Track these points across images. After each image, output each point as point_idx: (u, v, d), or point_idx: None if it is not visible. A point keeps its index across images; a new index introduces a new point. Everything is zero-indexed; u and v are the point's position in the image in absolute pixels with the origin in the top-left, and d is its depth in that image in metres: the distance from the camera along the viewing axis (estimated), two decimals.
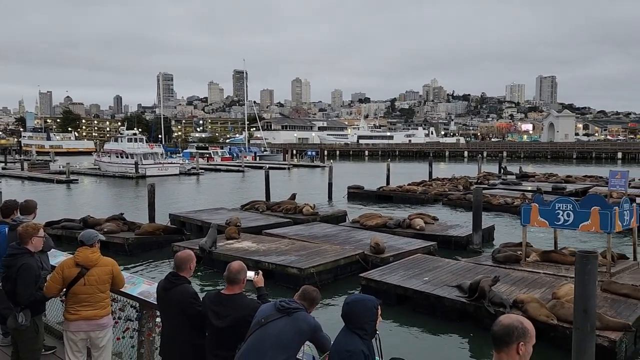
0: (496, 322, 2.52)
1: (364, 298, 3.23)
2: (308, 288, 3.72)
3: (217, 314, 3.73)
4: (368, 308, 3.14)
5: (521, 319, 2.53)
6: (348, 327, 3.14)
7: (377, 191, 27.59)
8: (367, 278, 10.34)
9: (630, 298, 8.63)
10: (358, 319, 3.10)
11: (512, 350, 2.43)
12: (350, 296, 3.29)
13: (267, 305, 3.60)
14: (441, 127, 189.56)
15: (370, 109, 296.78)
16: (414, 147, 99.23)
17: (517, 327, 2.46)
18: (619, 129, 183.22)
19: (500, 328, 2.48)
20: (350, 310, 3.14)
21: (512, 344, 2.44)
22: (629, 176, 23.15)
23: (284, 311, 3.40)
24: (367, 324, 3.11)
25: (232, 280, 3.83)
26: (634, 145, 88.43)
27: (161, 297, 4.09)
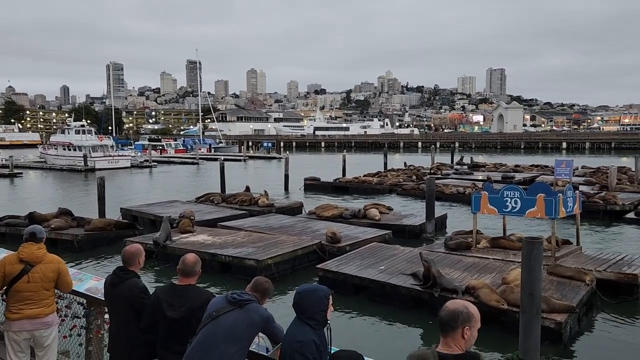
0: (443, 307, 2.60)
1: (315, 288, 3.23)
2: (260, 279, 3.67)
3: (171, 305, 3.64)
4: (319, 298, 3.14)
5: (466, 304, 2.60)
6: (299, 317, 3.14)
7: (333, 182, 27.75)
8: (324, 269, 10.38)
9: (574, 280, 9.04)
10: (309, 308, 3.10)
11: (458, 335, 2.51)
12: (301, 286, 3.28)
13: (219, 297, 3.53)
14: (396, 118, 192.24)
15: (326, 101, 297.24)
16: (370, 138, 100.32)
17: (463, 312, 2.54)
18: (563, 120, 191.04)
19: (446, 313, 2.56)
20: (301, 300, 3.14)
21: (458, 329, 2.51)
22: (573, 165, 24.20)
23: (235, 303, 3.35)
24: (318, 314, 3.11)
25: (187, 272, 3.76)
26: (578, 135, 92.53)
27: (109, 293, 3.96)
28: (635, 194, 21.81)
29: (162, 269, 11.87)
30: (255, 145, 79.24)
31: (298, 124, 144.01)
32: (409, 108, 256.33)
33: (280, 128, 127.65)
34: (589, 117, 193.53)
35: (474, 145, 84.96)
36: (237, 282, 10.54)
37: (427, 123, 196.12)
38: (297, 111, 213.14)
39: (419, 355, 2.56)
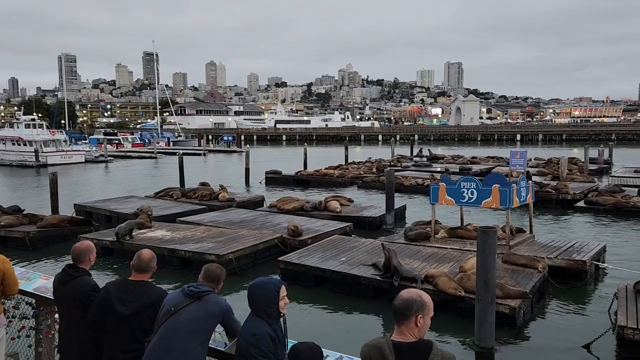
0: (397, 296, 2.66)
1: (265, 281, 3.21)
2: (210, 267, 3.59)
3: (122, 300, 3.51)
4: (269, 291, 3.12)
5: (420, 293, 2.66)
6: (253, 311, 3.14)
7: (295, 175, 27.72)
8: (285, 261, 10.37)
9: (527, 268, 9.35)
10: (260, 302, 3.09)
11: (411, 323, 2.58)
12: (253, 280, 3.27)
13: (175, 292, 3.46)
14: (356, 111, 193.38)
15: (287, 94, 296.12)
16: (331, 131, 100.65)
17: (417, 300, 2.61)
18: (518, 112, 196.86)
19: (400, 302, 2.62)
20: (253, 294, 3.13)
21: (412, 317, 2.58)
22: (527, 156, 25.00)
23: (193, 296, 3.29)
24: (269, 307, 3.09)
25: (142, 268, 3.65)
26: (531, 127, 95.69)
27: (58, 292, 3.81)
28: (585, 183, 22.74)
29: (120, 266, 11.56)
30: (216, 139, 78.11)
31: (259, 117, 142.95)
32: (369, 101, 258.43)
33: (241, 121, 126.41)
34: (542, 110, 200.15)
35: (432, 137, 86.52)
36: (197, 278, 10.41)
37: (387, 116, 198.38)
38: (258, 104, 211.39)
39: (373, 345, 2.60)
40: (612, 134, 75.10)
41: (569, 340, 7.30)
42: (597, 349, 6.87)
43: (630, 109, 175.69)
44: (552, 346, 7.20)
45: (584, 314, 8.50)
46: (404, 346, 2.56)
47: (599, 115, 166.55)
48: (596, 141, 62.01)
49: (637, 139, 74.09)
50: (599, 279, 10.22)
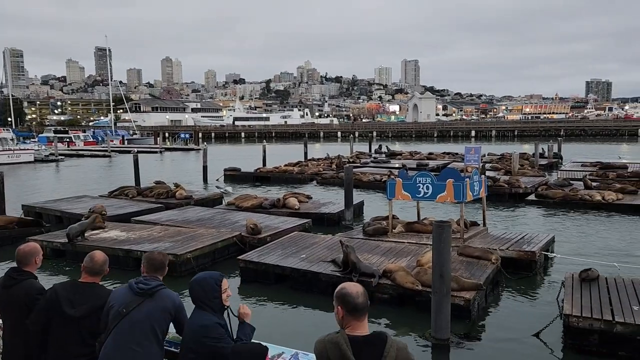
0: (355, 294, 2.69)
1: (205, 276, 3.23)
2: (151, 255, 3.50)
3: (71, 302, 3.39)
4: (210, 285, 3.14)
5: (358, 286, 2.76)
6: (197, 306, 3.14)
7: (254, 173, 27.57)
8: (245, 260, 10.29)
9: (481, 259, 9.61)
10: (202, 296, 3.11)
11: (366, 317, 2.71)
12: (194, 276, 3.26)
13: (122, 290, 3.35)
14: (315, 108, 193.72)
15: (246, 90, 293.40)
16: (290, 128, 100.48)
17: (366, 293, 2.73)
18: (472, 109, 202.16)
19: (363, 299, 2.69)
20: (193, 290, 3.14)
21: (367, 311, 2.71)
22: (481, 152, 25.71)
23: (144, 294, 3.21)
24: (212, 301, 3.11)
25: (95, 271, 3.55)
26: (485, 124, 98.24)
27: (2, 296, 3.63)
28: (535, 177, 23.59)
29: (73, 269, 11.16)
30: (172, 136, 76.63)
31: (217, 115, 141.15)
32: (328, 98, 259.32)
33: (199, 118, 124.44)
34: (495, 107, 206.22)
35: (390, 134, 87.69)
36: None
37: (346, 113, 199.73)
38: (216, 101, 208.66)
39: (329, 340, 2.62)
40: (561, 129, 78.08)
41: (521, 329, 7.56)
42: (547, 336, 7.15)
43: (577, 106, 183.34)
44: (505, 335, 7.44)
45: (534, 303, 8.82)
46: (360, 339, 2.59)
47: (548, 111, 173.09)
48: (546, 137, 64.47)
49: (584, 134, 77.42)
50: (548, 268, 10.62)
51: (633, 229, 14.50)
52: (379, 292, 8.50)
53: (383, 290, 8.49)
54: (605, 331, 6.50)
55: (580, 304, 6.98)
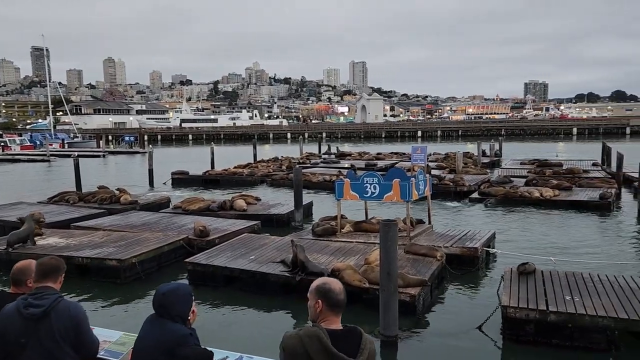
0: (338, 290, 2.77)
1: (179, 286, 3.13)
2: (42, 261, 3.21)
3: None
4: (185, 295, 3.06)
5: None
6: (164, 316, 3.02)
7: (203, 175, 27.14)
8: (193, 262, 10.13)
9: (427, 257, 9.87)
10: (176, 307, 3.00)
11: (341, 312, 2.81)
12: (162, 286, 3.15)
13: (10, 311, 2.95)
14: (265, 109, 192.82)
15: (193, 92, 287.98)
16: (239, 129, 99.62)
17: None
18: (418, 110, 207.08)
19: (344, 296, 2.78)
20: (167, 300, 3.00)
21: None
22: (427, 151, 26.40)
23: (38, 318, 2.89)
24: (185, 313, 3.03)
25: (15, 281, 3.37)
26: (431, 124, 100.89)
27: None
28: (478, 175, 24.45)
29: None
30: (116, 139, 74.16)
31: (163, 116, 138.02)
32: (277, 99, 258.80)
33: (144, 121, 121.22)
34: (440, 108, 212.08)
35: (339, 135, 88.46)
36: (98, 285, 9.90)
37: (295, 114, 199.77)
38: (162, 103, 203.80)
39: (306, 334, 2.60)
40: (502, 129, 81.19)
41: (464, 322, 7.82)
42: (488, 328, 7.42)
43: (517, 106, 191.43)
44: (450, 329, 7.67)
45: (477, 296, 9.14)
46: (337, 332, 2.64)
47: (490, 112, 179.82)
48: (488, 136, 66.88)
49: (523, 133, 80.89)
50: (489, 263, 11.04)
51: (568, 223, 15.29)
52: None
53: None
54: (540, 320, 6.83)
55: (518, 296, 7.31)
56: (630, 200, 18.59)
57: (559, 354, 6.65)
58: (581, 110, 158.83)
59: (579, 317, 6.68)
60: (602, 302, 7.06)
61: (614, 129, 78.13)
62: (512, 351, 6.90)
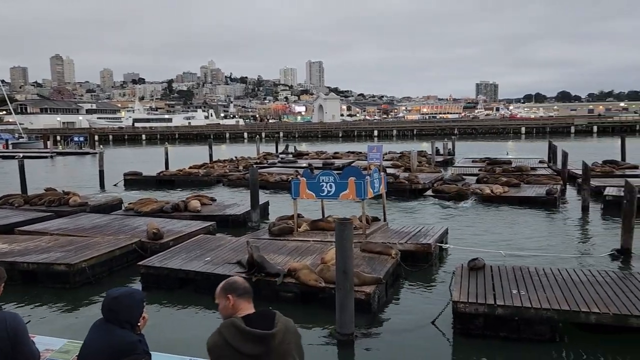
0: (241, 280, 3.04)
1: (130, 291, 3.08)
2: None
3: None
4: (136, 300, 3.00)
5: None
6: (112, 322, 2.94)
7: (157, 176, 26.59)
8: (146, 265, 9.91)
9: (382, 254, 10.01)
10: (126, 312, 2.92)
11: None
12: (113, 290, 3.07)
13: None
14: (221, 109, 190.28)
15: (146, 91, 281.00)
16: (194, 129, 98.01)
17: None
18: (374, 109, 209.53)
19: (249, 284, 3.03)
20: (117, 304, 2.92)
21: None
22: (383, 150, 26.76)
23: None
24: (134, 318, 2.96)
25: None
26: (386, 124, 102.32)
27: None
28: (432, 174, 24.99)
29: None
30: (65, 139, 71.45)
31: (115, 116, 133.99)
32: (233, 99, 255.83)
33: (94, 120, 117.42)
34: (396, 107, 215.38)
35: (297, 134, 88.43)
36: (45, 291, 9.53)
37: (252, 114, 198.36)
38: (114, 102, 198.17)
39: (222, 326, 2.80)
40: (455, 128, 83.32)
41: (418, 318, 7.99)
42: (441, 323, 7.61)
43: (469, 106, 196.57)
44: (405, 325, 7.81)
45: (430, 292, 9.36)
46: (251, 315, 2.83)
47: (444, 112, 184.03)
48: (441, 135, 68.41)
49: (475, 133, 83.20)
50: (443, 259, 11.32)
51: (517, 219, 15.85)
52: (284, 291, 8.57)
53: (287, 289, 8.58)
54: (488, 314, 7.07)
55: (467, 291, 7.53)
56: (575, 196, 19.44)
57: (506, 346, 6.89)
58: (529, 110, 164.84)
59: (524, 310, 6.96)
60: (546, 295, 7.37)
61: (559, 128, 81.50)
62: (462, 345, 7.10)
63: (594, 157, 27.28)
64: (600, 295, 7.33)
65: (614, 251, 11.22)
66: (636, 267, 10.46)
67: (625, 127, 73.47)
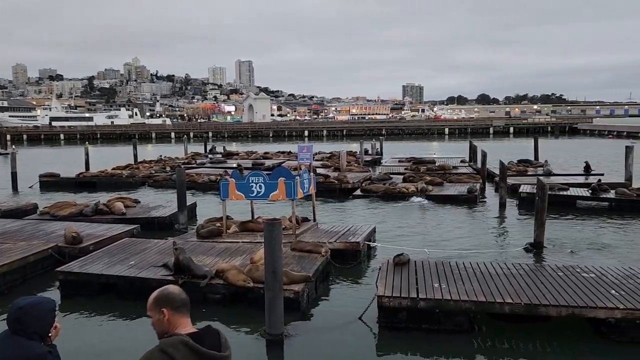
0: (178, 291, 2.71)
1: (40, 300, 2.85)
2: None
3: None
4: (45, 310, 2.79)
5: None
6: (19, 333, 2.75)
7: (76, 178, 25.24)
8: (65, 272, 9.43)
9: (313, 253, 10.11)
10: (34, 323, 2.73)
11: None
12: (20, 299, 2.87)
13: None
14: (146, 108, 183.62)
15: (64, 88, 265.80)
16: (118, 129, 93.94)
17: None
18: (305, 110, 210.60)
19: (186, 295, 2.70)
20: (24, 315, 2.72)
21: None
22: (313, 150, 26.95)
23: None
24: (44, 329, 2.79)
25: None
26: (317, 124, 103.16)
27: None
28: (361, 173, 25.51)
29: None
30: None
31: (29, 114, 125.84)
32: (160, 97, 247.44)
33: (6, 119, 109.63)
34: (326, 108, 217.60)
35: (227, 134, 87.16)
36: None
37: (180, 113, 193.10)
38: (28, 99, 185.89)
39: (168, 344, 2.48)
40: (383, 129, 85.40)
41: (347, 314, 8.14)
42: (368, 318, 7.82)
43: (396, 107, 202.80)
44: (333, 322, 7.94)
45: (359, 289, 9.57)
46: (197, 333, 2.58)
47: (372, 112, 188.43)
48: (370, 136, 69.98)
49: (402, 133, 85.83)
50: (371, 256, 11.61)
51: (441, 216, 16.54)
52: (211, 293, 8.46)
53: (215, 290, 8.47)
54: (411, 308, 7.36)
55: (392, 286, 7.79)
56: (493, 194, 20.57)
57: (428, 337, 7.20)
58: (452, 111, 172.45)
59: (445, 303, 7.30)
60: (465, 287, 7.77)
61: (479, 128, 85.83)
62: (386, 338, 7.33)
63: (510, 157, 29.02)
64: (514, 286, 7.82)
65: (527, 245, 12.00)
66: (547, 259, 11.25)
67: (538, 129, 78.60)
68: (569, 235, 13.53)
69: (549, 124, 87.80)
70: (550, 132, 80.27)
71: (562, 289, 7.68)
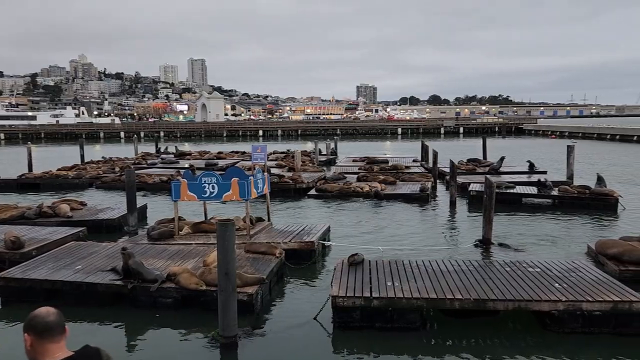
0: (45, 312, 2.41)
1: None
2: None
3: None
4: None
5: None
6: None
7: (18, 179, 24.11)
8: (5, 277, 8.99)
9: (267, 254, 10.04)
10: None
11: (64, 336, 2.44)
12: None
13: None
14: (94, 106, 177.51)
15: (5, 85, 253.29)
16: (63, 128, 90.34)
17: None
18: (260, 109, 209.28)
19: (56, 317, 2.41)
20: None
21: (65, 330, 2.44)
22: (268, 150, 26.79)
23: None
24: None
25: None
26: (271, 124, 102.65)
27: None
28: (316, 173, 25.58)
29: None
30: None
31: None
32: (108, 96, 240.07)
33: None
34: (281, 108, 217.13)
35: (179, 134, 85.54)
36: None
37: (130, 112, 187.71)
38: None
39: None
40: (337, 129, 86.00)
41: (301, 315, 8.13)
42: (323, 318, 7.83)
43: (350, 108, 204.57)
44: (288, 323, 7.90)
45: (314, 289, 9.57)
46: (74, 356, 2.36)
47: (327, 112, 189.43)
48: (325, 135, 70.27)
49: (356, 133, 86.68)
50: (325, 256, 11.64)
51: (394, 214, 16.79)
52: (162, 297, 8.27)
53: (166, 294, 8.28)
54: (364, 307, 7.44)
55: (346, 286, 7.85)
56: (444, 192, 21.08)
57: (381, 336, 7.28)
58: (405, 112, 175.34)
59: (397, 301, 7.42)
60: (417, 285, 7.92)
61: (431, 129, 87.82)
62: (341, 338, 7.36)
63: (460, 156, 29.86)
64: (464, 282, 8.04)
65: (477, 241, 12.35)
66: (495, 255, 11.63)
67: (487, 129, 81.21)
68: (516, 230, 14.04)
69: (496, 124, 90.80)
70: (498, 132, 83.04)
71: (509, 283, 7.95)
